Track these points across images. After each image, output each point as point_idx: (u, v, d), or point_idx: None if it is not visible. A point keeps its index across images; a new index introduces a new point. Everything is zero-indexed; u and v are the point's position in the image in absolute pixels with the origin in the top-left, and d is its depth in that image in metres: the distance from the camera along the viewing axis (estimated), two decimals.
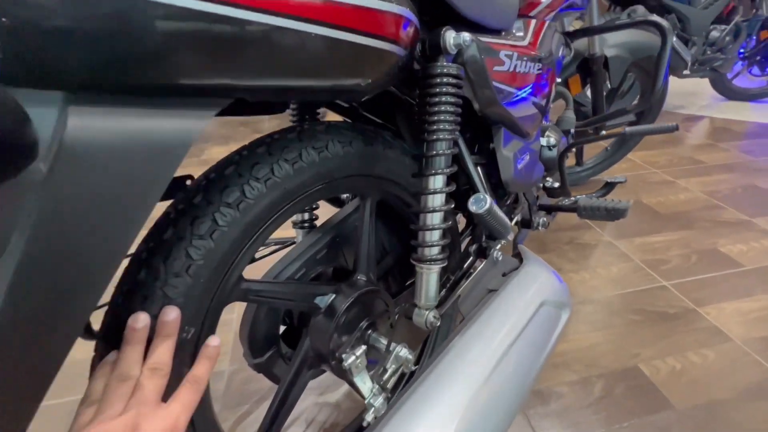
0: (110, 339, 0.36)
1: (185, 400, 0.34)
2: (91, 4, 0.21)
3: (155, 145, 0.25)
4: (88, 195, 0.23)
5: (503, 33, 0.62)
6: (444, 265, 0.50)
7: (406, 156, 0.58)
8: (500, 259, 0.60)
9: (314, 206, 0.71)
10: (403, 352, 0.51)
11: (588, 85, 1.30)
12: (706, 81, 2.81)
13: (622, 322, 1.03)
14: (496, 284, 0.51)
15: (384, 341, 0.54)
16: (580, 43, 1.22)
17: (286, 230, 1.63)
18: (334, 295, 0.56)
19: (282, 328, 0.61)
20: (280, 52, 0.30)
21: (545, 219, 0.83)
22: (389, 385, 0.55)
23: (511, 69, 0.58)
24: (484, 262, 0.60)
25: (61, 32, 0.20)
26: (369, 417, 0.53)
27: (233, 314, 1.05)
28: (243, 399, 0.84)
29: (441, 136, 0.47)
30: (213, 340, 0.39)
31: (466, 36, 0.45)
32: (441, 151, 0.48)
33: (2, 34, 0.19)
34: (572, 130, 0.94)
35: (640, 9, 1.72)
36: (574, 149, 1.29)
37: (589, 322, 1.03)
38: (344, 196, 0.81)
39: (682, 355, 0.94)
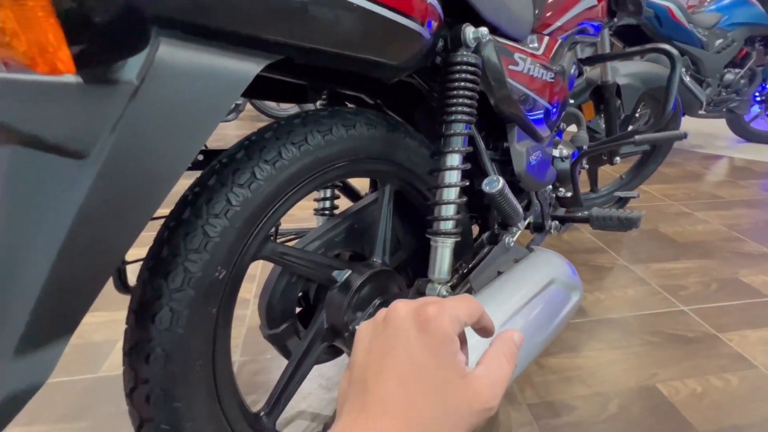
0: (147, 292, 0.39)
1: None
2: None
3: (220, 78, 0.31)
4: (166, 108, 0.28)
5: (518, 42, 0.68)
6: (457, 239, 0.52)
7: (424, 148, 0.62)
8: (512, 245, 0.62)
9: (335, 195, 0.75)
10: None
11: (601, 113, 1.35)
12: (724, 123, 2.83)
13: (639, 342, 1.00)
14: (507, 268, 0.53)
15: None
16: (594, 73, 1.28)
17: (307, 221, 1.66)
18: (350, 272, 0.58)
19: (298, 310, 0.63)
20: (327, 18, 0.35)
21: (558, 222, 0.84)
22: None
23: (525, 71, 0.63)
24: (495, 247, 0.61)
25: None
26: None
27: (247, 310, 1.08)
28: (252, 389, 0.85)
29: (459, 118, 0.51)
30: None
31: (484, 30, 0.50)
32: (459, 131, 0.52)
33: None
34: (585, 147, 0.98)
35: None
36: (586, 166, 1.32)
37: (605, 341, 1.00)
38: (362, 191, 0.85)
39: (704, 378, 0.90)
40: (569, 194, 0.91)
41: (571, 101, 1.27)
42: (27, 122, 0.24)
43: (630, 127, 1.45)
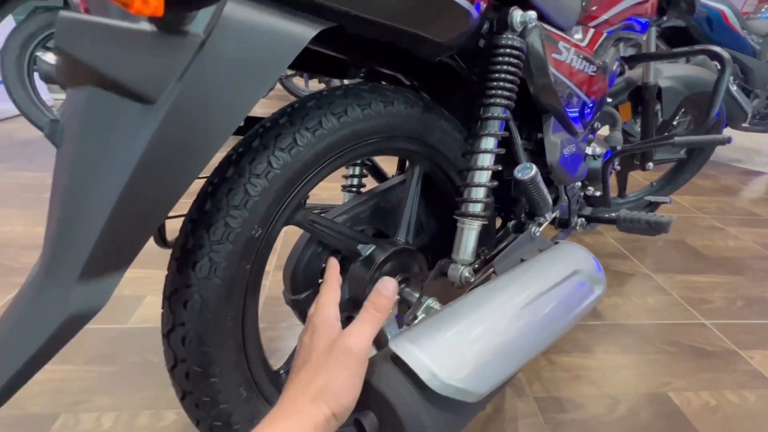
0: (189, 242, 0.42)
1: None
2: None
3: (279, 38, 0.32)
4: (227, 63, 0.30)
5: (563, 31, 0.67)
6: (485, 223, 0.53)
7: (457, 132, 0.62)
8: (537, 235, 0.62)
9: (363, 173, 0.77)
10: (434, 303, 0.54)
11: (638, 116, 1.31)
12: (767, 138, 2.69)
13: (655, 350, 0.99)
14: (531, 257, 0.53)
15: (416, 296, 0.57)
16: (634, 72, 1.24)
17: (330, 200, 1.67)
18: (374, 247, 0.60)
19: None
20: None
21: (584, 220, 0.83)
22: None
23: (567, 61, 0.62)
24: (520, 236, 0.62)
25: None
26: None
27: (266, 281, 1.11)
28: (269, 353, 0.88)
29: (498, 101, 0.52)
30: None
31: (533, 15, 0.50)
32: (497, 115, 0.52)
33: None
34: (618, 148, 0.96)
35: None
36: (618, 167, 1.28)
37: (619, 344, 1.00)
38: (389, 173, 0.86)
39: (719, 392, 0.88)
40: (598, 194, 0.89)
41: (609, 100, 1.24)
42: (111, 66, 0.26)
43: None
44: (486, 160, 0.52)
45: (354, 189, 0.75)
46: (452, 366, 0.35)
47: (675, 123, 1.47)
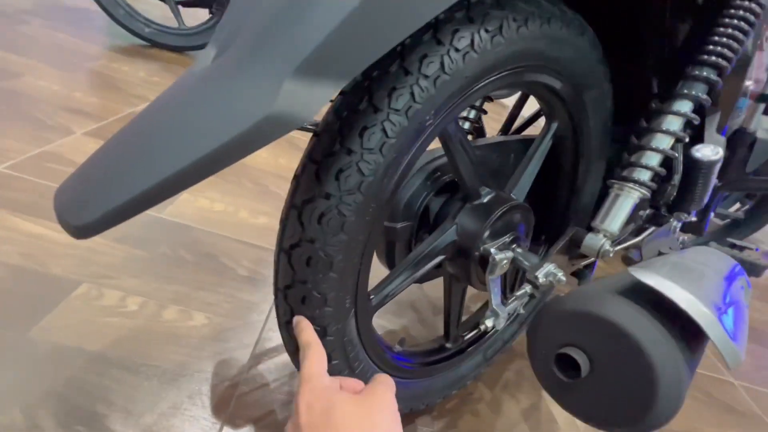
0: (333, 149, 0.36)
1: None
2: None
3: None
4: None
5: None
6: (645, 197, 0.46)
7: (609, 100, 0.55)
8: (678, 228, 0.56)
9: (479, 118, 0.69)
10: (557, 270, 0.47)
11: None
12: None
13: (689, 393, 0.95)
14: (671, 249, 0.47)
15: (530, 260, 0.51)
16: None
17: None
18: (495, 193, 0.53)
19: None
20: None
21: (686, 238, 0.77)
22: (514, 307, 0.52)
23: None
24: (660, 228, 0.55)
25: None
26: (488, 323, 0.49)
27: None
28: None
29: (715, 61, 0.44)
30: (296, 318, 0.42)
31: None
32: (708, 76, 0.44)
33: None
34: None
35: None
36: None
37: None
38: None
39: None
40: (694, 218, 0.82)
41: None
42: None
43: None
44: (674, 124, 0.45)
45: (468, 134, 0.68)
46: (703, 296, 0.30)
47: None
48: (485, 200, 0.52)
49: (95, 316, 0.62)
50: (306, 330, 0.38)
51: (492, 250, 0.50)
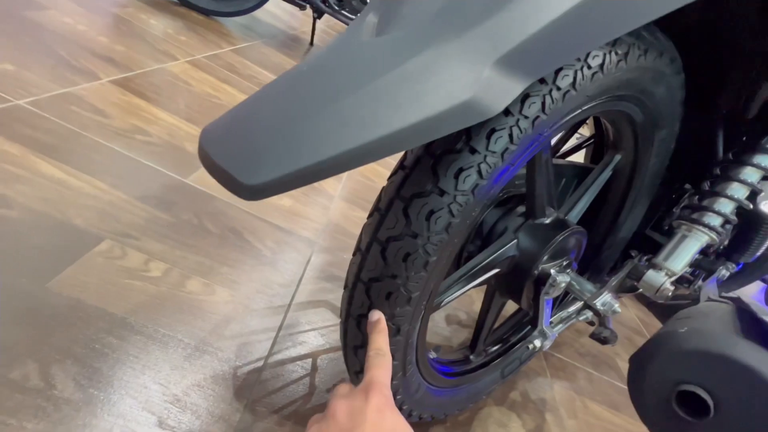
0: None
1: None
2: None
3: None
4: None
5: None
6: (713, 242, 0.47)
7: (673, 141, 0.55)
8: (726, 278, 0.57)
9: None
10: (613, 300, 0.48)
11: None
12: None
13: None
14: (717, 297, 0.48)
15: (584, 286, 0.51)
16: None
17: None
18: (557, 214, 0.53)
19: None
20: None
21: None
22: (559, 330, 0.51)
23: None
24: (711, 275, 0.56)
25: None
26: (536, 343, 0.49)
27: (331, 204, 1.02)
28: (326, 280, 0.80)
29: None
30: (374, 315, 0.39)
31: None
32: None
33: None
34: None
35: None
36: None
37: None
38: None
39: None
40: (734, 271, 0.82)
41: None
42: None
43: None
44: (754, 176, 0.46)
45: None
46: None
47: None
48: (548, 221, 0.52)
49: (118, 277, 0.58)
50: (382, 335, 0.36)
51: (552, 271, 0.49)
